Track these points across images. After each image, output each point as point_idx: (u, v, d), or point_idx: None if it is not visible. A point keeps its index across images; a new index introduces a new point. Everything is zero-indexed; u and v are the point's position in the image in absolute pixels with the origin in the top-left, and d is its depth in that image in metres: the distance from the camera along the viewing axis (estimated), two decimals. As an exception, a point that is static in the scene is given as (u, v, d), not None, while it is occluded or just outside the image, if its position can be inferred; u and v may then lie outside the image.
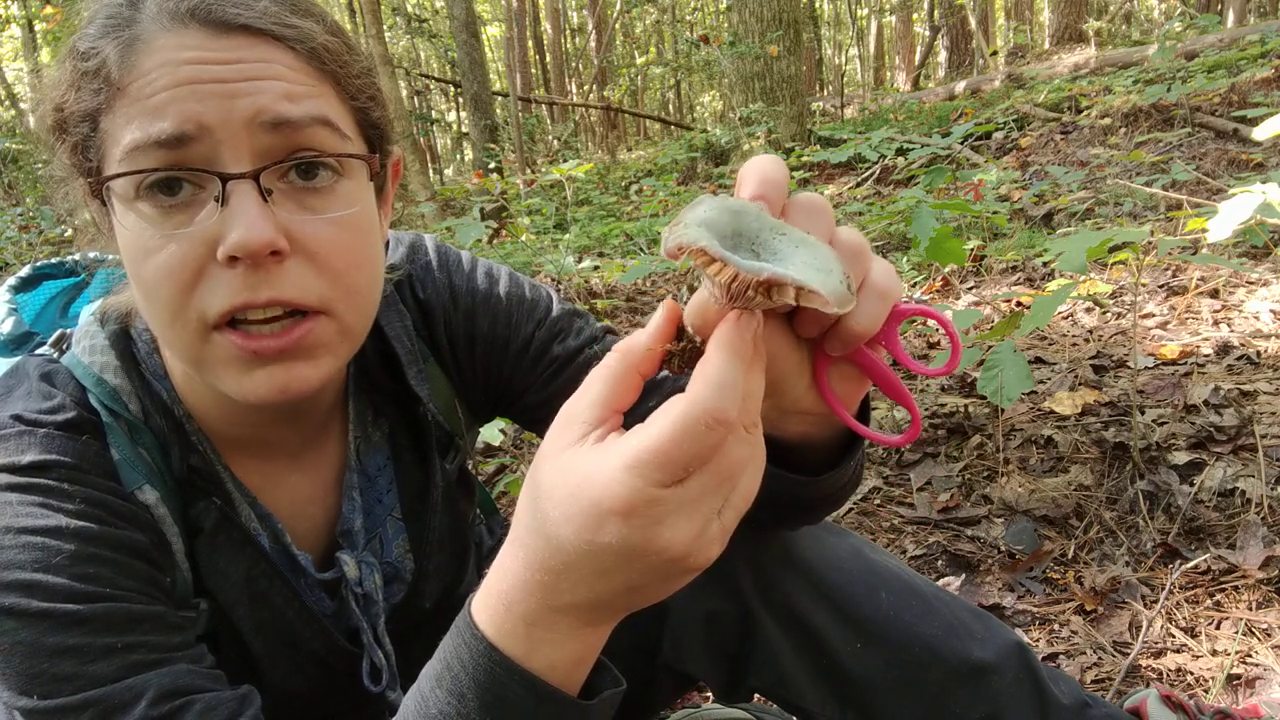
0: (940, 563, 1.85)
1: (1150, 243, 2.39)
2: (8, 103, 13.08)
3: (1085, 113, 7.04)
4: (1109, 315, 3.15)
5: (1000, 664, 0.99)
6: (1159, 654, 1.48)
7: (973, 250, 4.13)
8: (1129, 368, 2.47)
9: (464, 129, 21.06)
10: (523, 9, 19.63)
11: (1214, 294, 3.11)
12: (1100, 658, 1.50)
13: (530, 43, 21.59)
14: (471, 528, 1.15)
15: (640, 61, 22.23)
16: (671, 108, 25.56)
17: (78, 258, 1.03)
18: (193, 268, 0.70)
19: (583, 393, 0.55)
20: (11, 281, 1.02)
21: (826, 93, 19.81)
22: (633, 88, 22.23)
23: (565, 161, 7.90)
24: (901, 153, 6.68)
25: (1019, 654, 1.01)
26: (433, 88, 21.97)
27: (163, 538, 0.81)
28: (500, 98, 15.18)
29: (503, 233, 6.81)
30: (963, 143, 6.54)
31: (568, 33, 24.04)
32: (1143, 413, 2.16)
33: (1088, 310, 3.19)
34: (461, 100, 16.87)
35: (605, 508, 0.50)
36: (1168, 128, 6.01)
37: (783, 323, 0.60)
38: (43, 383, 0.81)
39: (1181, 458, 1.95)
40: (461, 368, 1.02)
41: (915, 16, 21.82)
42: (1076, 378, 2.48)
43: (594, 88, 21.62)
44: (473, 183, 8.20)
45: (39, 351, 0.90)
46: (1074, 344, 2.85)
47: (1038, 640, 1.57)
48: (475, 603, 0.59)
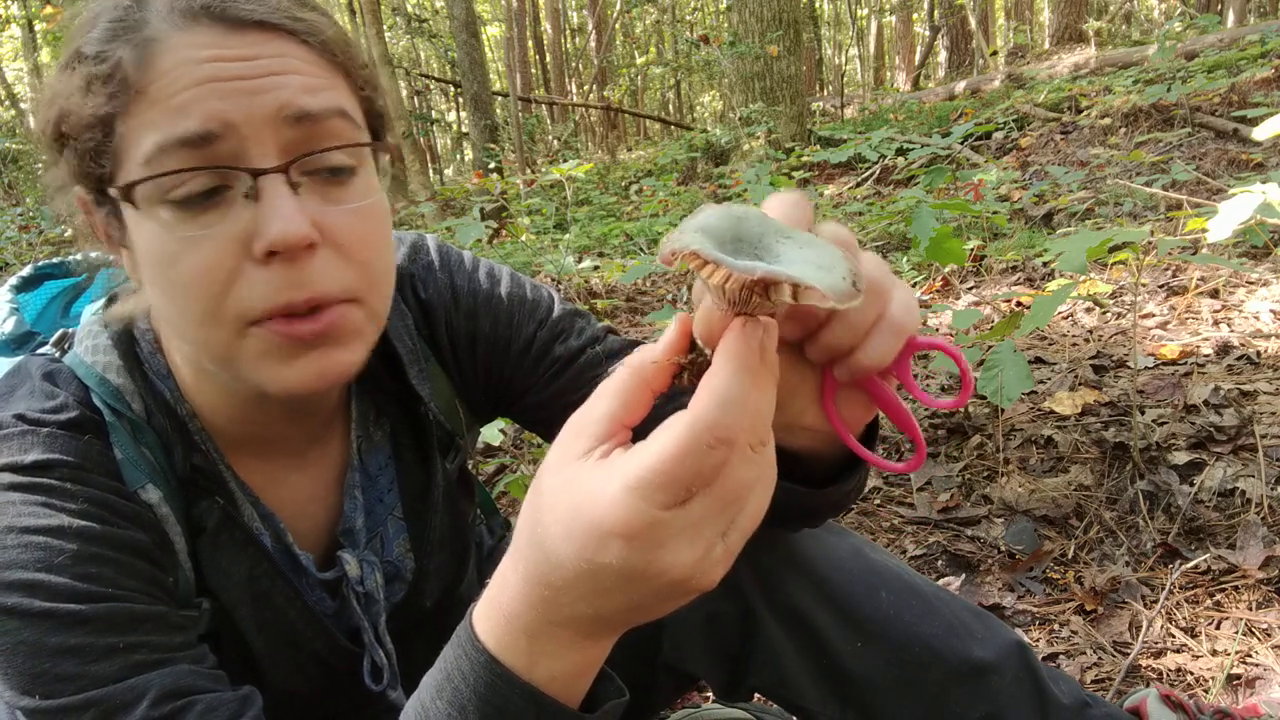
0: (940, 563, 1.85)
1: (1150, 243, 2.39)
2: (8, 103, 13.08)
3: (1085, 113, 7.03)
4: (1109, 315, 3.15)
5: (1000, 663, 1.00)
6: (1159, 654, 1.48)
7: (973, 250, 4.13)
8: (1129, 368, 2.47)
9: (464, 129, 21.07)
10: (523, 9, 19.63)
11: (1214, 294, 3.11)
12: (1100, 658, 1.50)
13: (530, 43, 21.59)
14: (472, 528, 1.15)
15: (640, 61, 22.22)
16: (671, 108, 25.56)
17: (79, 258, 1.03)
18: (228, 266, 0.70)
19: (591, 405, 0.54)
20: (13, 281, 1.02)
21: (826, 93, 19.81)
22: (633, 88, 22.22)
23: (565, 161, 7.90)
24: (901, 153, 6.68)
25: (1019, 653, 1.02)
26: (433, 88, 21.97)
27: (165, 537, 0.81)
28: (500, 98, 15.19)
29: (503, 233, 6.81)
30: (963, 143, 6.54)
31: (568, 33, 24.04)
32: (1143, 413, 2.16)
33: (1088, 310, 3.19)
34: (461, 100, 16.87)
35: (605, 529, 0.49)
36: (1168, 128, 6.01)
37: (791, 345, 0.59)
38: (45, 382, 0.81)
39: (1181, 458, 1.95)
40: (463, 368, 1.02)
41: (915, 16, 21.81)
42: (1076, 378, 2.48)
43: (594, 88, 21.62)
44: (473, 183, 8.21)
45: (41, 351, 0.90)
46: (1074, 344, 2.85)
47: (1038, 640, 1.57)
48: (476, 613, 0.59)
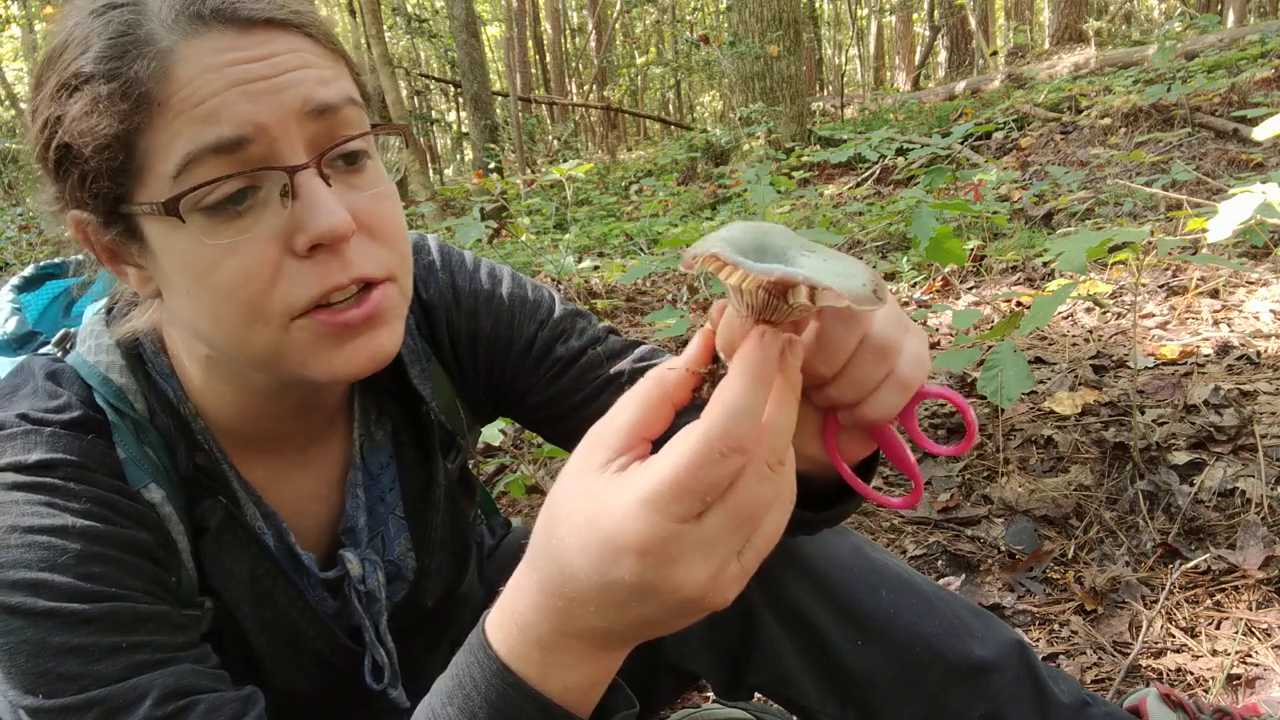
0: (940, 563, 1.85)
1: (1150, 243, 2.39)
2: (8, 103, 13.07)
3: (1085, 113, 7.04)
4: (1109, 315, 3.15)
5: (1000, 662, 1.00)
6: (1159, 654, 1.48)
7: (973, 250, 4.14)
8: (1129, 368, 2.47)
9: (464, 129, 21.08)
10: (523, 9, 19.63)
11: (1214, 294, 3.11)
12: (1100, 658, 1.50)
13: (530, 43, 21.59)
14: (473, 527, 1.15)
15: (640, 61, 22.23)
16: (671, 108, 25.56)
17: (80, 258, 1.03)
18: (271, 264, 0.70)
19: (612, 416, 0.54)
20: (14, 281, 1.02)
21: (826, 93, 19.81)
22: (633, 88, 22.23)
23: (565, 161, 7.90)
24: (901, 153, 6.68)
25: (1019, 653, 1.02)
26: (433, 88, 21.96)
27: (168, 536, 0.82)
28: (500, 98, 15.19)
29: (503, 233, 6.81)
30: (963, 143, 6.54)
31: (568, 33, 24.04)
32: (1143, 413, 2.17)
33: (1088, 310, 3.19)
34: (461, 100, 16.87)
35: (620, 543, 0.49)
36: (1168, 128, 6.01)
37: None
38: (48, 382, 0.81)
39: (1181, 458, 1.96)
40: (463, 367, 1.02)
41: (915, 16, 21.81)
42: (1076, 378, 2.48)
43: (594, 88, 21.62)
44: (473, 183, 8.21)
45: (43, 351, 0.90)
46: (1074, 344, 2.85)
47: (1038, 640, 1.58)
48: (489, 621, 0.58)
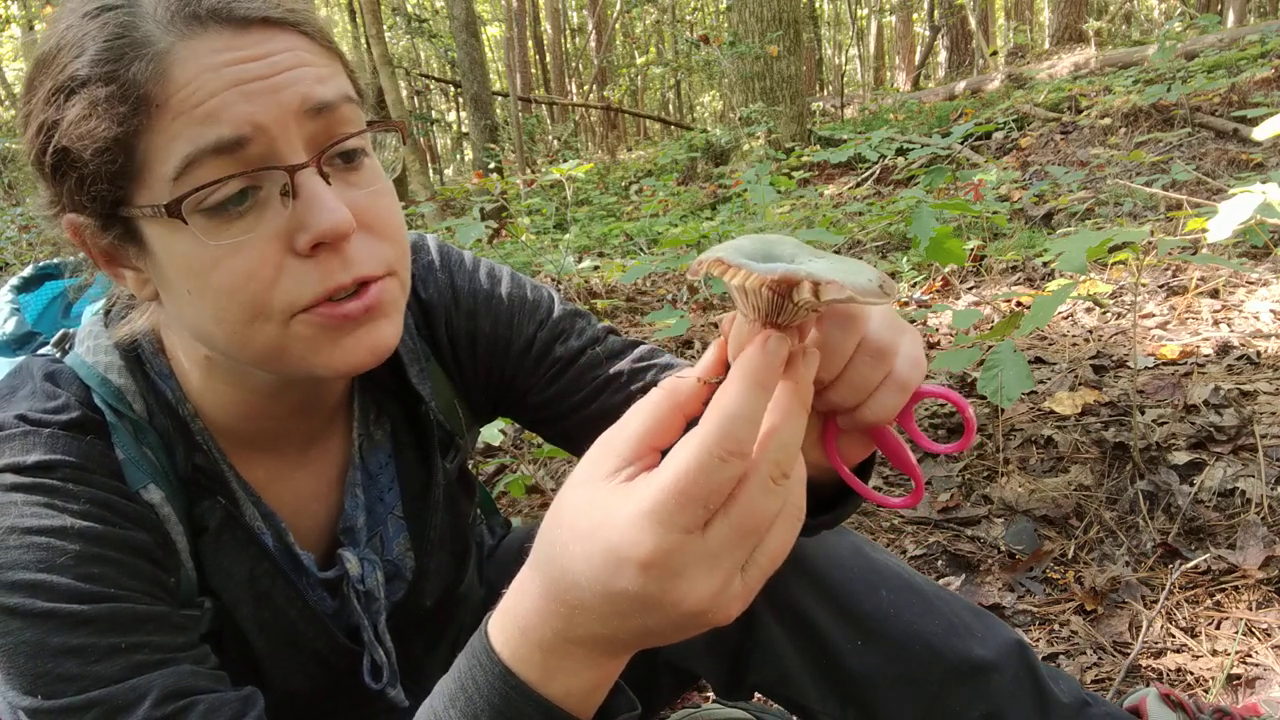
0: (940, 563, 1.85)
1: (1150, 243, 2.39)
2: (8, 103, 13.08)
3: (1085, 113, 7.04)
4: (1109, 315, 3.15)
5: (1000, 662, 1.00)
6: (1159, 654, 1.48)
7: (973, 250, 4.14)
8: (1129, 368, 2.47)
9: (464, 129, 21.09)
10: (523, 9, 19.63)
11: (1214, 294, 3.11)
12: (1100, 658, 1.50)
13: (530, 43, 21.59)
14: (472, 527, 1.15)
15: (640, 61, 22.23)
16: (671, 108, 25.56)
17: (79, 258, 1.02)
18: (274, 263, 0.71)
19: (623, 425, 0.54)
20: (14, 282, 1.02)
21: (826, 93, 19.81)
22: (633, 88, 22.23)
23: (565, 161, 7.90)
24: (901, 153, 6.68)
25: (1019, 652, 1.02)
26: (433, 88, 21.97)
27: (167, 537, 0.81)
28: (500, 98, 15.20)
29: (503, 233, 6.82)
30: (963, 143, 6.55)
31: (568, 33, 24.04)
32: (1143, 413, 2.17)
33: (1088, 310, 3.19)
34: (461, 100, 16.87)
35: (623, 554, 0.49)
36: (1168, 128, 6.01)
37: None
38: (47, 382, 0.81)
39: (1181, 458, 1.96)
40: (463, 367, 1.02)
41: (915, 16, 21.81)
42: (1076, 378, 2.48)
43: (594, 88, 21.62)
44: (473, 183, 8.21)
45: (42, 352, 0.90)
46: (1074, 344, 2.85)
47: (1038, 640, 1.57)
48: (492, 624, 0.58)
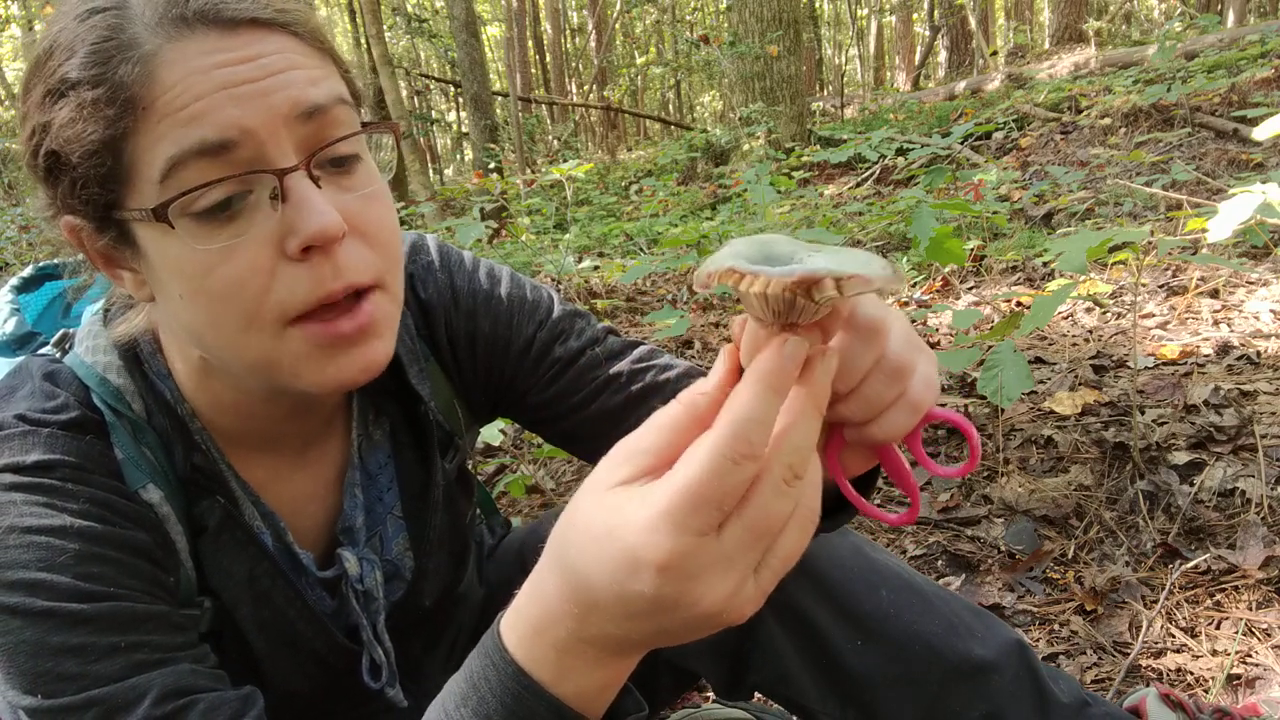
0: (940, 563, 1.85)
1: (1150, 243, 2.39)
2: (8, 103, 13.08)
3: (1085, 113, 7.04)
4: (1109, 315, 3.15)
5: (1000, 662, 1.00)
6: (1159, 654, 1.48)
7: (973, 250, 4.13)
8: (1129, 368, 2.47)
9: (464, 129, 21.09)
10: (523, 9, 19.63)
11: (1214, 294, 3.11)
12: (1100, 658, 1.50)
13: (530, 43, 21.59)
14: (472, 527, 1.15)
15: (640, 61, 22.23)
16: (671, 108, 25.56)
17: (78, 259, 1.02)
18: (265, 268, 0.70)
19: (640, 435, 0.54)
20: (14, 282, 1.02)
21: (826, 93, 19.81)
22: (633, 88, 22.23)
23: (565, 161, 7.90)
24: (901, 153, 6.68)
25: (1019, 652, 1.02)
26: (433, 88, 21.97)
27: (167, 537, 0.81)
28: (500, 98, 15.20)
29: (503, 233, 6.82)
30: (963, 143, 6.54)
31: (568, 33, 24.04)
32: (1143, 413, 2.17)
33: (1088, 310, 3.19)
34: (461, 100, 16.87)
35: (639, 557, 0.49)
36: (1168, 128, 6.01)
37: None
38: (46, 382, 0.81)
39: (1181, 458, 1.96)
40: (462, 368, 1.02)
41: (915, 16, 21.81)
42: (1076, 378, 2.48)
43: (594, 88, 21.63)
44: (473, 183, 8.21)
45: (41, 352, 0.90)
46: (1074, 344, 2.85)
47: (1038, 640, 1.57)
48: (504, 624, 0.58)
